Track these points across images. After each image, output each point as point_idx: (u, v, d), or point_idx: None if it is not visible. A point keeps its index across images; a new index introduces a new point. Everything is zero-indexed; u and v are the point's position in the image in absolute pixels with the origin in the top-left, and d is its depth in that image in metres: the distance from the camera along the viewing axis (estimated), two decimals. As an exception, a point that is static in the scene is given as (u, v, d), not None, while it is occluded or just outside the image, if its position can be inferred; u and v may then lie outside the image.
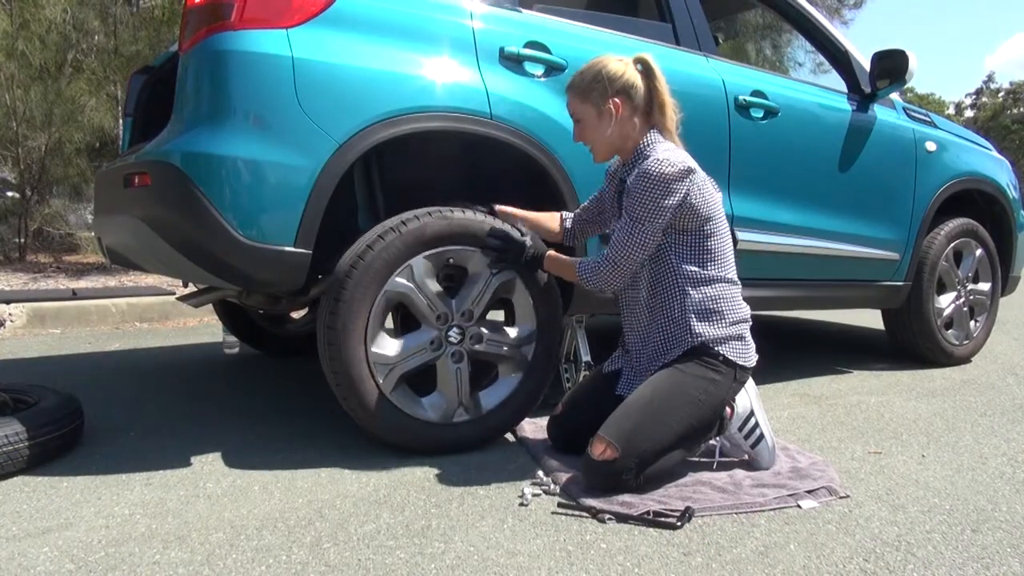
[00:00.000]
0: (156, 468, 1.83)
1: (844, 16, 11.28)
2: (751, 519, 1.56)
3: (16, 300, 4.16)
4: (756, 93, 2.59)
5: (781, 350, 3.65)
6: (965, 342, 3.37)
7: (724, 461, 1.88)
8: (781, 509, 1.61)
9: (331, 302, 1.82)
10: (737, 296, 1.83)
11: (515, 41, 2.10)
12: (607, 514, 1.54)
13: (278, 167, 1.77)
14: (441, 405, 1.95)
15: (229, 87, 1.75)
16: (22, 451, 1.75)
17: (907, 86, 3.01)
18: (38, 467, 1.81)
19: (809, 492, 1.68)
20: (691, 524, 1.52)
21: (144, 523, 1.51)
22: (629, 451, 1.62)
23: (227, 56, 1.75)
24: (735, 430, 1.86)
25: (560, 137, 2.09)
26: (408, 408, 1.90)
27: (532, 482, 1.73)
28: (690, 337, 1.76)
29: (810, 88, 2.86)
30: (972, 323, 3.42)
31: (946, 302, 3.31)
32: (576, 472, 1.75)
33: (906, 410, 2.50)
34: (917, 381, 2.97)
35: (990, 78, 39.08)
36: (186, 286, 2.73)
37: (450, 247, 1.92)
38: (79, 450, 1.97)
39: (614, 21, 2.42)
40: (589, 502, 1.60)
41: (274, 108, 1.77)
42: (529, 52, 2.11)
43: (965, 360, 3.38)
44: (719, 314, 1.78)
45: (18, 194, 6.20)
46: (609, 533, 1.48)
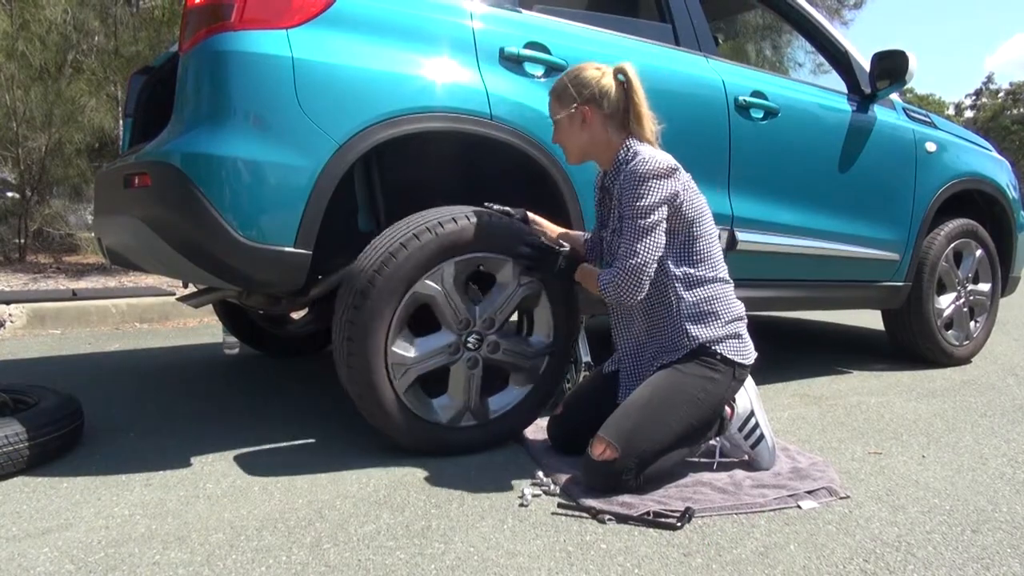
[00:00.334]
0: (156, 468, 1.83)
1: (844, 16, 11.29)
2: (751, 520, 1.56)
3: (16, 300, 4.16)
4: (756, 94, 2.59)
5: (781, 350, 3.65)
6: (965, 343, 3.37)
7: (724, 461, 1.88)
8: (781, 510, 1.61)
9: (356, 298, 1.78)
10: (730, 294, 1.83)
11: (515, 41, 2.10)
12: (607, 514, 1.54)
13: (278, 168, 1.77)
14: (450, 408, 1.94)
15: (229, 87, 1.75)
16: (22, 451, 1.75)
17: (907, 87, 3.00)
18: (38, 467, 1.81)
19: (809, 493, 1.68)
20: (691, 525, 1.52)
21: (144, 524, 1.50)
22: (629, 451, 1.62)
23: (227, 56, 1.75)
24: (735, 430, 1.86)
25: None
26: (418, 410, 1.90)
27: (532, 482, 1.73)
28: (687, 341, 1.77)
29: (810, 89, 2.86)
30: (972, 323, 3.42)
31: (946, 303, 3.31)
32: (576, 472, 1.75)
33: (906, 411, 2.50)
34: (917, 382, 2.97)
35: (990, 79, 39.06)
36: (186, 287, 2.73)
37: (483, 253, 1.90)
38: (79, 450, 1.97)
39: (614, 22, 2.42)
40: (589, 502, 1.60)
41: (274, 109, 1.76)
42: (529, 53, 2.11)
43: (965, 361, 3.38)
44: (714, 315, 1.78)
45: (18, 194, 6.20)
46: (609, 534, 1.48)
